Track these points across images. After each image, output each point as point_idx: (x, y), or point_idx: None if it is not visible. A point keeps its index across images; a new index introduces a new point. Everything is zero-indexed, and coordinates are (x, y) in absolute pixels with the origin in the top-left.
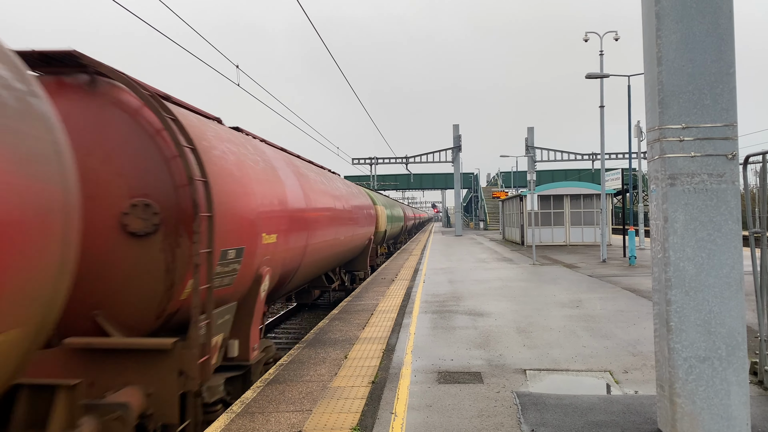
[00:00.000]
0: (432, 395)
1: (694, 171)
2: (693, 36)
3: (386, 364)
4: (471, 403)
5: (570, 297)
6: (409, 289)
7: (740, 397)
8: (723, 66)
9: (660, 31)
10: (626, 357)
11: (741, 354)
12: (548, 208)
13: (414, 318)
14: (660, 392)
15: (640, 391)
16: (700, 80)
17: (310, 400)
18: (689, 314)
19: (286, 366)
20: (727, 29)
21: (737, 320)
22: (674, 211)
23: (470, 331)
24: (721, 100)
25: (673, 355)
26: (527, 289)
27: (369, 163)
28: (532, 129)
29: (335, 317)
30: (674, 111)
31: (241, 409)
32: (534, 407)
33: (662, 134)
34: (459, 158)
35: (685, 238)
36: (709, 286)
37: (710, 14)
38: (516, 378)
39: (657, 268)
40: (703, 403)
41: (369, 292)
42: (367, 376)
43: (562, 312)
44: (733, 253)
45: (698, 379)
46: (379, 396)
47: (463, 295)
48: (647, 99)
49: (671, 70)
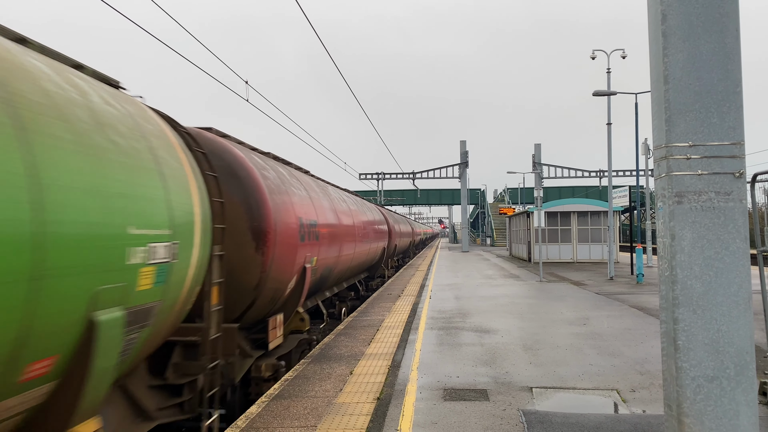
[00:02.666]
0: (437, 412)
1: (701, 189)
2: (700, 54)
3: (392, 380)
4: (477, 420)
5: (577, 314)
6: (415, 305)
7: (749, 417)
8: (730, 84)
9: (666, 49)
10: (634, 375)
11: (750, 374)
12: (555, 224)
13: (420, 334)
14: (668, 412)
15: (647, 411)
16: (707, 98)
17: (315, 416)
18: (697, 333)
19: (291, 381)
20: (733, 48)
21: (746, 339)
22: (681, 229)
23: (476, 348)
24: (728, 119)
25: (681, 374)
26: (534, 306)
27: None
28: (539, 146)
29: (341, 333)
30: (681, 129)
31: (245, 424)
32: (540, 425)
33: (669, 152)
34: (466, 174)
35: (692, 256)
36: (717, 304)
37: (717, 33)
38: (522, 396)
39: (664, 286)
40: (711, 424)
41: (375, 307)
42: (372, 392)
43: (569, 329)
44: (741, 271)
45: (707, 399)
46: (385, 413)
47: (470, 311)
48: (654, 117)
49: (678, 88)
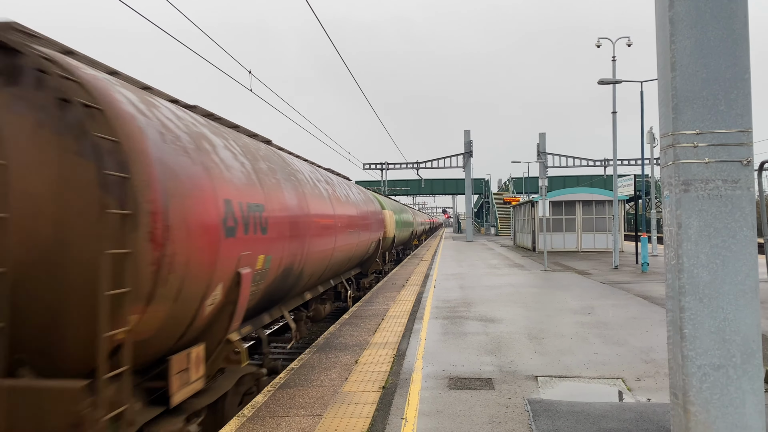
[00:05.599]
0: (443, 401)
1: (708, 177)
2: (707, 41)
3: (397, 369)
4: (482, 409)
5: (582, 303)
6: (419, 295)
7: (756, 405)
8: (738, 71)
9: (674, 36)
10: (639, 364)
11: (756, 362)
12: (560, 214)
13: (425, 323)
14: (674, 400)
15: (653, 399)
16: (714, 86)
17: (320, 405)
18: (703, 321)
19: (297, 370)
20: (741, 34)
21: (752, 328)
22: (688, 217)
23: (481, 337)
24: (735, 106)
25: (687, 362)
26: (538, 295)
27: (380, 168)
28: (543, 135)
29: (346, 322)
30: (688, 117)
31: (251, 413)
32: (545, 414)
33: (676, 140)
34: (470, 164)
35: (699, 244)
36: (724, 293)
37: (725, 19)
38: (527, 384)
39: (670, 275)
40: (717, 412)
41: (379, 297)
42: (377, 381)
43: (574, 318)
44: (748, 260)
45: (713, 387)
46: (390, 401)
47: (474, 300)
48: (661, 104)
49: (685, 75)
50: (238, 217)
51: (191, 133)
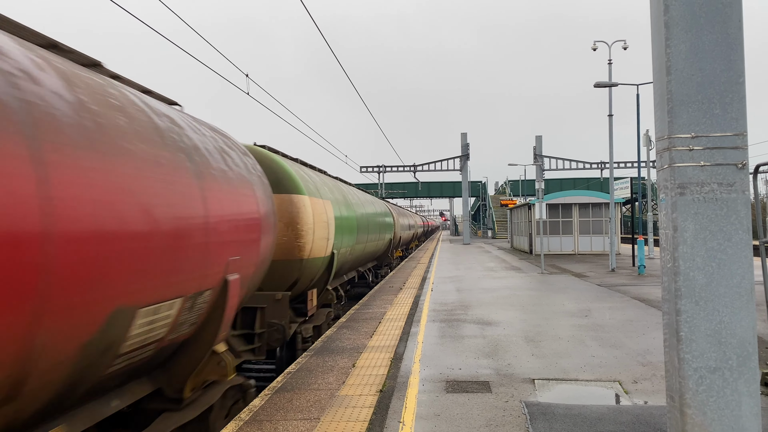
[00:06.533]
0: (440, 404)
1: (703, 180)
2: (702, 45)
3: (394, 372)
4: (479, 412)
5: (579, 306)
6: (416, 298)
7: (752, 408)
8: (732, 75)
9: (669, 40)
10: (636, 367)
11: (752, 364)
12: (557, 216)
13: (422, 326)
14: (670, 403)
15: (649, 402)
16: (709, 89)
17: (318, 408)
18: (699, 324)
19: (294, 374)
20: (736, 38)
21: (748, 330)
22: (684, 220)
23: (478, 340)
24: (730, 110)
25: (684, 365)
26: (535, 298)
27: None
28: (540, 138)
29: (343, 325)
30: (683, 120)
31: (249, 416)
32: (542, 417)
33: (671, 143)
34: (467, 166)
35: (695, 247)
36: (720, 296)
37: (719, 23)
38: (524, 387)
39: (666, 278)
40: (714, 414)
41: (377, 300)
42: (375, 384)
43: (571, 321)
44: (743, 263)
45: (709, 389)
46: (387, 405)
47: (471, 303)
48: (656, 108)
49: (680, 79)
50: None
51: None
